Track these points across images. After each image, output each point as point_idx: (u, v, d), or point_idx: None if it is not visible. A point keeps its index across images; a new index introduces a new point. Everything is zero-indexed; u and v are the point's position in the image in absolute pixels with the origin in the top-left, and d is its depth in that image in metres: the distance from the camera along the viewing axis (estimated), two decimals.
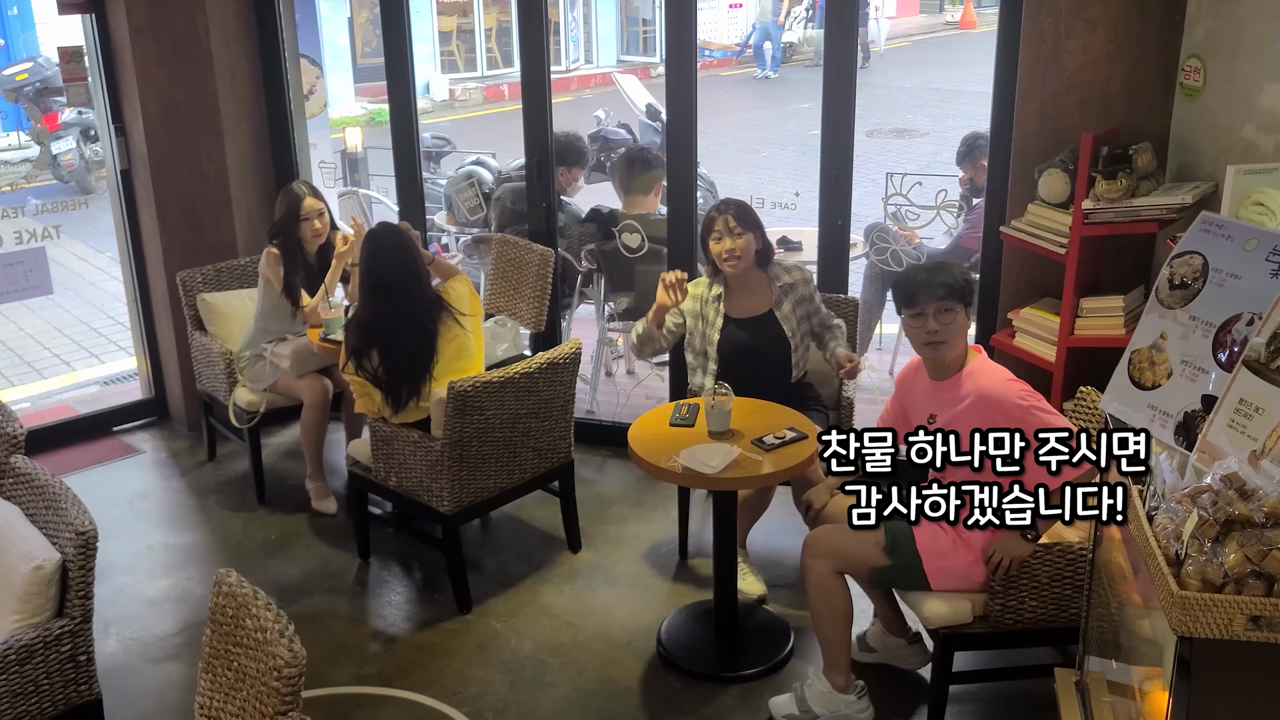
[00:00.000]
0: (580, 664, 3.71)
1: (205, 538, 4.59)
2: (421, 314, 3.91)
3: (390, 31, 5.03)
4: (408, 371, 3.91)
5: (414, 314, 3.89)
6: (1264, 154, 3.35)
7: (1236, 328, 2.74)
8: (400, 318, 3.88)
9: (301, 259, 4.63)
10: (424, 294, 3.93)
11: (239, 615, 2.27)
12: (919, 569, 3.12)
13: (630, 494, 4.78)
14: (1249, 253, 2.81)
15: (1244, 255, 2.83)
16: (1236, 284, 2.84)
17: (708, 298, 4.02)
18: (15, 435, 3.35)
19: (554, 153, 5.08)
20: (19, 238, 5.11)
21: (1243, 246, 2.84)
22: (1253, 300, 2.72)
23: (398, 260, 3.88)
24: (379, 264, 3.90)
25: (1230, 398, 2.37)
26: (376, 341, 3.89)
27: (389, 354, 3.89)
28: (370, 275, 3.92)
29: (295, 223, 4.57)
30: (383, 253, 3.90)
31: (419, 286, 3.91)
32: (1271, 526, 1.95)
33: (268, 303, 4.63)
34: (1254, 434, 2.26)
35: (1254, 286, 2.75)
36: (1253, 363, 2.38)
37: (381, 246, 3.92)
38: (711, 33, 18.10)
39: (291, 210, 4.57)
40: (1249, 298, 2.76)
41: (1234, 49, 3.53)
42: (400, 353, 3.89)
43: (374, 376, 3.91)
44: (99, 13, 5.05)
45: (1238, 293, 2.82)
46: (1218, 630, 1.91)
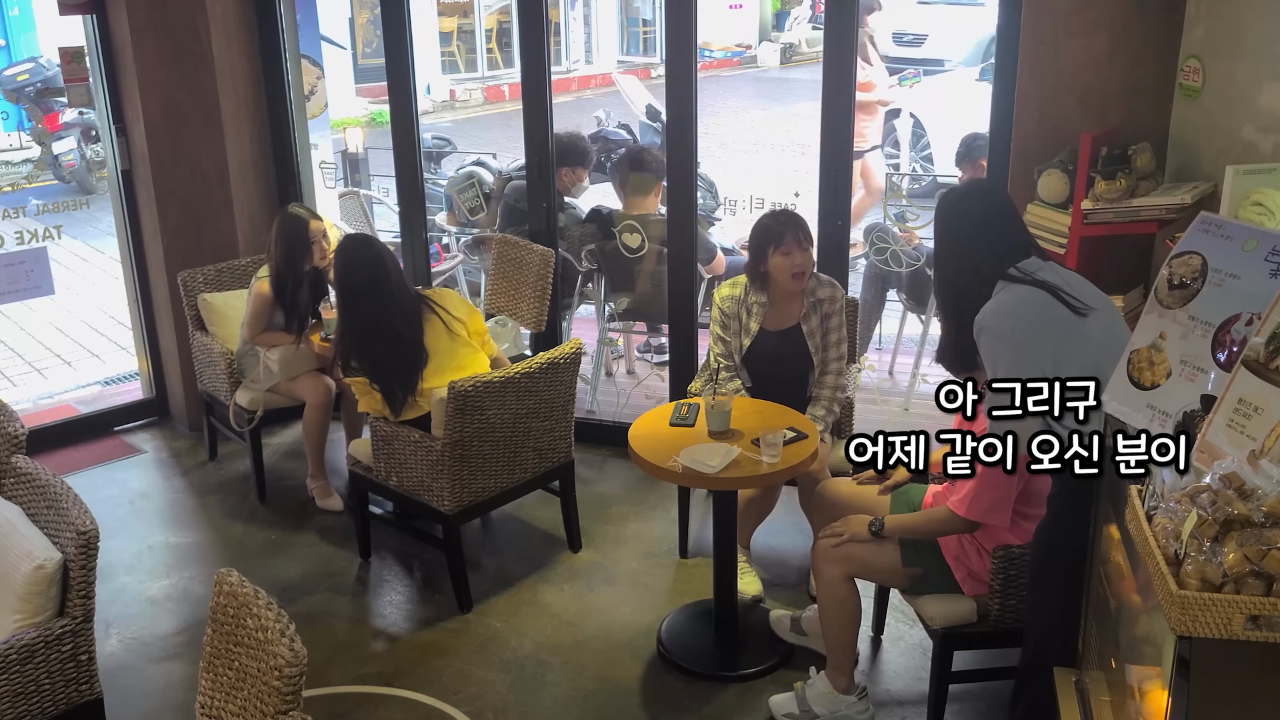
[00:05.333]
0: (580, 663, 3.71)
1: (206, 537, 4.59)
2: (395, 318, 3.95)
3: (391, 32, 5.03)
4: (398, 372, 3.94)
5: (388, 318, 3.94)
6: (1263, 154, 3.35)
7: (1236, 328, 2.74)
8: (375, 323, 3.94)
9: (299, 279, 4.59)
10: (396, 298, 3.96)
11: (240, 615, 2.28)
12: (949, 575, 3.13)
13: (630, 494, 4.79)
14: (1248, 253, 2.81)
15: (1243, 255, 2.84)
16: (1235, 284, 2.85)
17: (747, 301, 3.97)
18: (16, 435, 3.35)
19: (557, 153, 5.08)
20: (20, 238, 5.11)
21: (1242, 246, 2.85)
22: (1252, 300, 2.72)
23: (367, 269, 3.95)
24: (347, 274, 3.99)
25: (1229, 397, 2.38)
26: (357, 348, 3.96)
27: (373, 358, 3.95)
28: (340, 286, 4.03)
29: (305, 249, 4.54)
30: (351, 264, 3.99)
31: (388, 291, 3.95)
32: (1270, 526, 1.95)
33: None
34: (1253, 434, 2.26)
35: (1253, 286, 2.75)
36: (1252, 363, 2.38)
37: (350, 258, 4.00)
38: (712, 34, 18.07)
39: (299, 236, 4.53)
40: (1248, 298, 2.76)
41: (1233, 49, 3.53)
42: (384, 355, 3.94)
43: (369, 376, 3.96)
44: (100, 13, 5.06)
45: (1237, 293, 2.82)
46: (1217, 630, 1.91)
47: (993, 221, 2.90)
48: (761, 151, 11.89)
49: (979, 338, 2.80)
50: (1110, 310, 2.85)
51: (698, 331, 4.95)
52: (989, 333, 2.77)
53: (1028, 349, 2.71)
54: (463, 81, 16.06)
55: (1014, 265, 2.83)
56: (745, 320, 3.98)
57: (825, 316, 3.98)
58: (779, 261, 3.84)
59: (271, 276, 4.56)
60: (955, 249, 2.93)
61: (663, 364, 5.80)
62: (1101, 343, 2.73)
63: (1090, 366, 2.52)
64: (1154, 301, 2.92)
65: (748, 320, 3.98)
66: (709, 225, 5.75)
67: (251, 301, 4.61)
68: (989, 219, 2.91)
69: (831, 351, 4.00)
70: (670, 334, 5.03)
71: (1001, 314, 2.78)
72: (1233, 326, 2.70)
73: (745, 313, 3.98)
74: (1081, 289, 2.83)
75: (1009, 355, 2.73)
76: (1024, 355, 2.69)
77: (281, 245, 4.54)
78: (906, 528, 3.17)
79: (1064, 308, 2.75)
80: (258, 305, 4.58)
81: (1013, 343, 2.74)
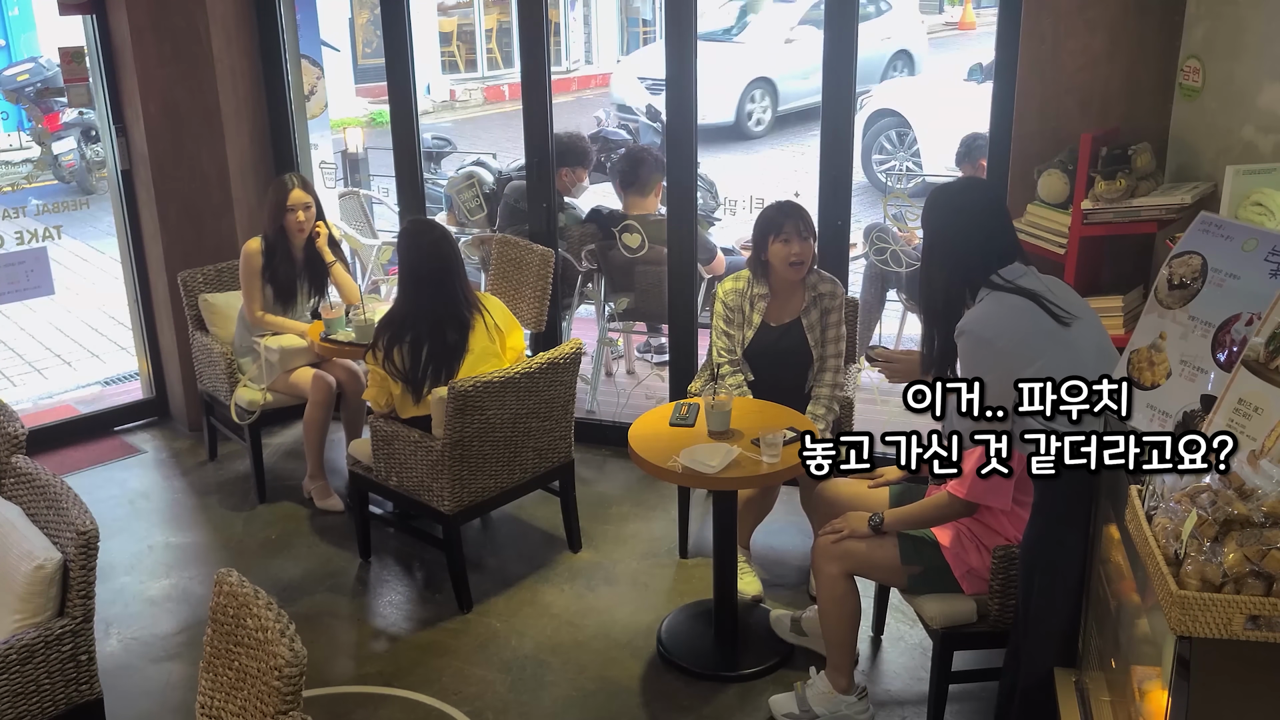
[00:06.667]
0: (580, 663, 3.71)
1: (206, 537, 4.59)
2: (462, 306, 3.90)
3: (390, 32, 5.03)
4: (441, 362, 3.88)
5: (454, 306, 3.88)
6: (1263, 154, 3.35)
7: (1236, 328, 2.74)
8: (442, 311, 3.87)
9: (287, 252, 4.64)
10: (464, 287, 3.92)
11: (240, 615, 2.28)
12: (949, 573, 3.13)
13: (630, 494, 4.79)
14: (1248, 253, 2.81)
15: (1243, 255, 2.84)
16: (1235, 284, 2.85)
17: (749, 294, 4.02)
18: (16, 435, 3.35)
19: (557, 153, 5.08)
20: (20, 238, 5.12)
21: (1241, 246, 2.85)
22: (1252, 300, 2.72)
23: (439, 253, 3.88)
24: (419, 258, 3.88)
25: (1229, 398, 2.38)
26: (412, 333, 3.87)
27: (425, 344, 3.87)
28: (410, 269, 3.90)
29: (281, 213, 4.59)
30: (421, 247, 3.89)
31: (459, 278, 3.90)
32: (1270, 526, 1.95)
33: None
34: (1253, 434, 2.26)
35: (1253, 286, 2.75)
36: (1252, 363, 2.38)
37: (420, 241, 3.91)
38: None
39: (279, 200, 4.59)
40: (1248, 298, 2.76)
41: (1233, 49, 3.53)
42: (438, 343, 3.87)
43: (401, 372, 3.89)
44: (100, 13, 5.06)
45: (1237, 293, 2.82)
46: (1217, 630, 1.91)
47: (990, 220, 2.86)
48: (762, 151, 11.89)
49: (960, 339, 2.78)
50: (1091, 317, 2.83)
51: (698, 331, 4.95)
52: (971, 338, 2.75)
53: (1009, 358, 2.68)
54: (463, 81, 16.06)
55: (999, 270, 2.80)
56: (748, 313, 4.00)
57: (825, 312, 4.00)
58: (778, 250, 3.89)
59: (262, 238, 4.65)
60: (950, 248, 2.86)
61: (663, 364, 5.80)
62: (1085, 350, 2.72)
63: (1072, 371, 2.46)
64: (1154, 301, 2.92)
65: (750, 313, 4.00)
66: (709, 225, 5.75)
67: (241, 265, 4.65)
68: (987, 217, 2.87)
69: (830, 348, 4.02)
70: (670, 334, 5.03)
71: (986, 321, 2.75)
72: (1233, 326, 2.70)
73: (748, 305, 4.00)
74: (1063, 296, 2.80)
75: (989, 362, 2.69)
76: (1005, 364, 2.65)
77: (267, 210, 4.66)
78: (907, 519, 3.17)
79: (1048, 317, 2.73)
80: (246, 266, 4.62)
81: (994, 350, 2.72)
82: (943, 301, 2.89)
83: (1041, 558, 2.82)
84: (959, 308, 2.83)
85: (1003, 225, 2.88)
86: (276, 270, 4.64)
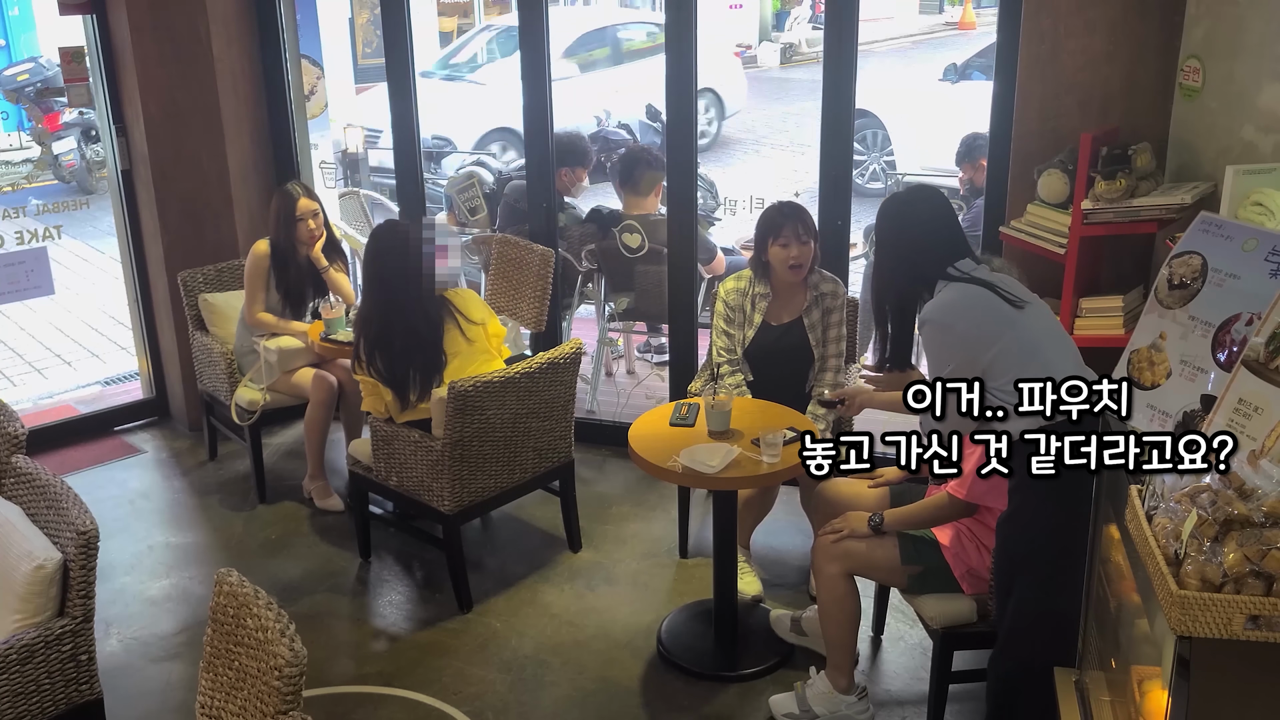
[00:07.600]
0: (580, 663, 3.71)
1: (206, 537, 4.59)
2: (417, 316, 3.89)
3: (390, 32, 5.03)
4: (417, 370, 3.90)
5: (412, 314, 3.88)
6: (1263, 154, 3.35)
7: (1236, 327, 2.74)
8: (399, 316, 3.88)
9: (296, 260, 4.64)
10: (419, 294, 3.89)
11: (240, 614, 2.28)
12: (949, 573, 3.13)
13: (630, 494, 4.79)
14: (1248, 253, 2.82)
15: (1243, 255, 2.84)
16: (1235, 284, 2.85)
17: (751, 293, 4.03)
18: (16, 435, 3.35)
19: (556, 153, 5.08)
20: (20, 238, 5.12)
21: (1241, 246, 2.85)
22: (1252, 300, 2.73)
23: (396, 259, 3.88)
24: (379, 263, 3.91)
25: (1229, 397, 2.38)
26: (381, 341, 3.89)
27: (395, 354, 3.89)
28: (370, 273, 3.94)
29: (292, 224, 4.58)
30: (382, 252, 3.91)
31: (415, 286, 3.88)
32: (1270, 526, 1.95)
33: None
34: (1253, 433, 2.27)
35: (1253, 286, 2.76)
36: (1252, 362, 2.38)
37: (381, 246, 3.93)
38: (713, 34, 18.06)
39: (287, 211, 4.58)
40: (1248, 298, 2.76)
41: (1233, 49, 3.53)
42: (409, 351, 3.89)
43: (383, 377, 3.92)
44: (100, 13, 5.06)
45: (1237, 293, 2.83)
46: (1217, 630, 1.91)
47: (937, 224, 3.02)
48: (761, 151, 11.89)
49: (922, 330, 2.96)
50: (1039, 303, 2.99)
51: (698, 331, 4.95)
52: (933, 326, 2.92)
53: (971, 340, 2.85)
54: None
55: (952, 265, 2.95)
56: (749, 312, 4.01)
57: (827, 311, 4.01)
58: (777, 252, 3.91)
59: (271, 245, 4.64)
60: (898, 252, 3.04)
61: (663, 364, 5.80)
62: (1039, 330, 2.88)
63: (1030, 352, 2.78)
64: (1154, 301, 2.92)
65: (751, 312, 4.01)
66: (709, 225, 5.75)
67: (248, 265, 4.64)
68: (934, 222, 3.02)
69: (831, 348, 4.02)
70: (670, 334, 5.03)
71: (945, 308, 2.92)
72: (1233, 326, 2.71)
73: (749, 304, 4.01)
74: (1012, 285, 2.96)
75: (952, 345, 2.89)
76: (967, 346, 2.85)
77: (274, 221, 4.64)
78: (906, 519, 3.18)
79: (1003, 302, 2.88)
80: (253, 267, 4.61)
81: (956, 334, 2.89)
82: (895, 302, 3.07)
83: (1016, 528, 2.87)
84: (913, 305, 3.01)
85: (951, 228, 3.04)
86: (289, 280, 4.64)
